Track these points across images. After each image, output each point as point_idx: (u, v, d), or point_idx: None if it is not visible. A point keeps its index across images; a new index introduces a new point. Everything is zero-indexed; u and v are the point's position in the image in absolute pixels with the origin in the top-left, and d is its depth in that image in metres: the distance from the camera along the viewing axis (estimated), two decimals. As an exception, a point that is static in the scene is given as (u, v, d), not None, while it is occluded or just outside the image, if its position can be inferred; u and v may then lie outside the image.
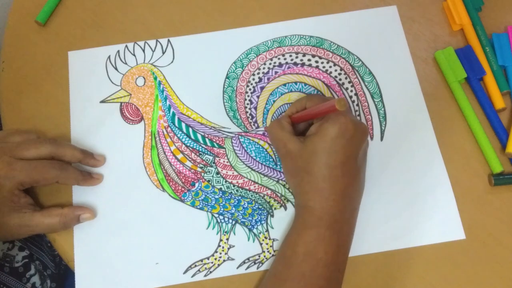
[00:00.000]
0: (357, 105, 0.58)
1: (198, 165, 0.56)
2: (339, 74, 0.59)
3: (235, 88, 0.59)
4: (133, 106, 0.58)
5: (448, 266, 0.52)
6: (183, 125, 0.57)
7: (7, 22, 0.63)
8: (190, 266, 0.52)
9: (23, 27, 0.63)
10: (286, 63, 0.60)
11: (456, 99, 0.58)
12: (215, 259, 0.53)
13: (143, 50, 0.60)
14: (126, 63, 0.60)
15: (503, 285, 0.52)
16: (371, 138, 0.57)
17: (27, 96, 0.59)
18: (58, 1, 0.64)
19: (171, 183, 0.55)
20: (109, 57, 0.60)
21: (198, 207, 0.54)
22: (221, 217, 0.54)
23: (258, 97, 0.59)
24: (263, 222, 0.54)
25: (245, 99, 0.58)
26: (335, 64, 0.59)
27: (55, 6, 0.63)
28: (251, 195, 0.55)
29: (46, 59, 0.61)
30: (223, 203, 0.55)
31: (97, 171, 0.56)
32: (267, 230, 0.54)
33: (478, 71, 0.58)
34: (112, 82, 0.59)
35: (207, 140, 0.57)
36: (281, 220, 0.54)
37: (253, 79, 0.59)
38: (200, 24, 0.62)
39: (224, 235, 0.53)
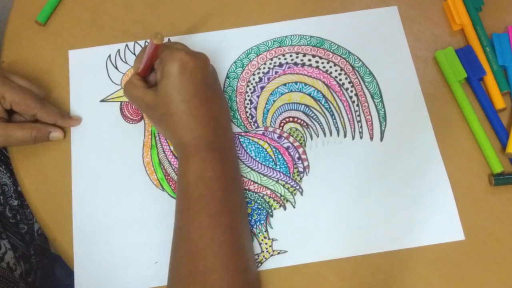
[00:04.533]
0: (357, 105, 0.58)
1: (198, 165, 0.56)
2: (339, 74, 0.59)
3: (235, 88, 0.59)
4: (133, 105, 0.58)
5: (448, 266, 0.52)
6: (183, 124, 0.57)
7: (7, 22, 0.63)
8: (189, 266, 0.52)
9: (23, 27, 0.63)
10: (287, 63, 0.60)
11: (456, 99, 0.58)
12: (215, 258, 0.52)
13: (143, 50, 0.60)
14: (126, 62, 0.60)
15: (503, 285, 0.51)
16: (371, 139, 0.56)
17: (27, 96, 0.59)
18: (58, 1, 0.63)
19: (170, 182, 0.55)
20: (109, 56, 0.60)
21: (198, 206, 0.54)
22: (220, 216, 0.54)
23: (258, 97, 0.58)
24: (262, 222, 0.54)
25: (245, 99, 0.58)
26: (335, 64, 0.59)
27: (55, 6, 0.63)
28: (251, 195, 0.55)
29: (46, 59, 0.61)
30: (223, 202, 0.54)
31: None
32: (266, 230, 0.53)
33: (478, 71, 0.58)
34: (113, 81, 0.59)
35: (207, 139, 0.57)
36: (281, 220, 0.54)
37: (253, 79, 0.59)
38: (200, 24, 0.62)
39: (224, 234, 0.53)
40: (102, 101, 0.59)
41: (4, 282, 0.57)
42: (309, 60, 0.60)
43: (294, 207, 0.54)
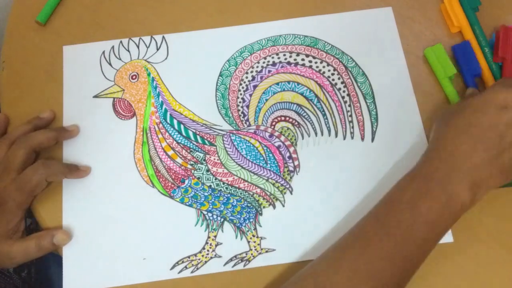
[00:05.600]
0: (349, 105, 0.57)
1: (189, 162, 0.56)
2: (332, 74, 0.59)
3: (228, 86, 0.59)
4: (126, 101, 0.58)
5: (448, 265, 0.52)
6: (175, 121, 0.57)
7: (7, 22, 0.63)
8: (177, 262, 0.52)
9: (23, 27, 0.63)
10: (280, 62, 0.60)
11: (446, 95, 0.58)
12: (202, 256, 0.52)
13: (138, 46, 0.61)
14: (120, 59, 0.60)
15: (503, 285, 0.51)
16: (362, 139, 0.56)
17: (27, 96, 0.59)
18: (58, 1, 0.63)
19: (161, 179, 0.55)
20: (103, 52, 0.60)
21: (187, 204, 0.54)
22: (209, 214, 0.54)
23: (250, 95, 0.58)
24: (251, 220, 0.54)
25: (238, 97, 0.58)
26: (328, 64, 0.59)
27: (55, 6, 0.63)
28: (240, 193, 0.55)
29: (46, 58, 0.61)
30: (212, 200, 0.54)
31: (87, 162, 0.56)
32: (255, 228, 0.53)
33: (474, 68, 0.57)
34: (106, 78, 0.59)
35: (198, 137, 0.57)
36: (270, 218, 0.54)
37: (246, 78, 0.59)
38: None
39: (212, 232, 0.53)
40: (95, 96, 0.59)
41: None
42: (303, 59, 0.60)
43: (283, 206, 0.54)
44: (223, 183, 0.55)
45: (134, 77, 0.59)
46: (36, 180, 0.51)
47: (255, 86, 0.59)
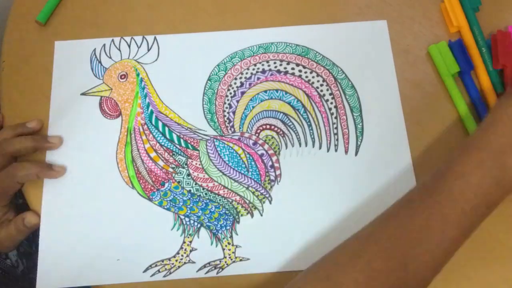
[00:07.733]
0: (336, 117, 0.57)
1: (170, 165, 0.55)
2: (321, 85, 0.58)
3: (215, 91, 0.58)
4: (113, 101, 0.58)
5: (447, 266, 0.50)
6: (160, 124, 0.57)
7: (7, 22, 0.63)
8: (150, 265, 0.52)
9: (23, 27, 0.63)
10: (270, 70, 0.59)
11: (448, 91, 0.57)
12: (176, 260, 0.52)
13: (129, 46, 0.60)
14: (110, 58, 0.60)
15: (503, 285, 0.51)
16: (346, 152, 0.55)
17: (26, 95, 0.60)
18: (58, 1, 0.63)
19: (141, 181, 0.55)
20: (94, 50, 0.60)
21: (165, 207, 0.54)
22: (187, 219, 0.54)
23: (238, 101, 0.58)
24: (228, 227, 0.53)
25: (225, 103, 0.58)
26: (318, 75, 0.59)
27: (55, 6, 0.63)
28: (219, 200, 0.54)
29: (46, 58, 0.61)
30: (191, 205, 0.54)
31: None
32: (231, 236, 0.53)
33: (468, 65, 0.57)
34: (95, 76, 0.59)
35: (182, 141, 0.56)
36: (247, 227, 0.53)
37: (235, 83, 0.59)
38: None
39: (188, 237, 0.53)
40: (83, 94, 0.59)
41: (8, 278, 0.59)
42: (293, 68, 0.59)
43: (261, 215, 0.54)
44: (203, 189, 0.55)
45: (123, 76, 0.59)
46: (7, 183, 0.52)
47: (243, 93, 0.58)
